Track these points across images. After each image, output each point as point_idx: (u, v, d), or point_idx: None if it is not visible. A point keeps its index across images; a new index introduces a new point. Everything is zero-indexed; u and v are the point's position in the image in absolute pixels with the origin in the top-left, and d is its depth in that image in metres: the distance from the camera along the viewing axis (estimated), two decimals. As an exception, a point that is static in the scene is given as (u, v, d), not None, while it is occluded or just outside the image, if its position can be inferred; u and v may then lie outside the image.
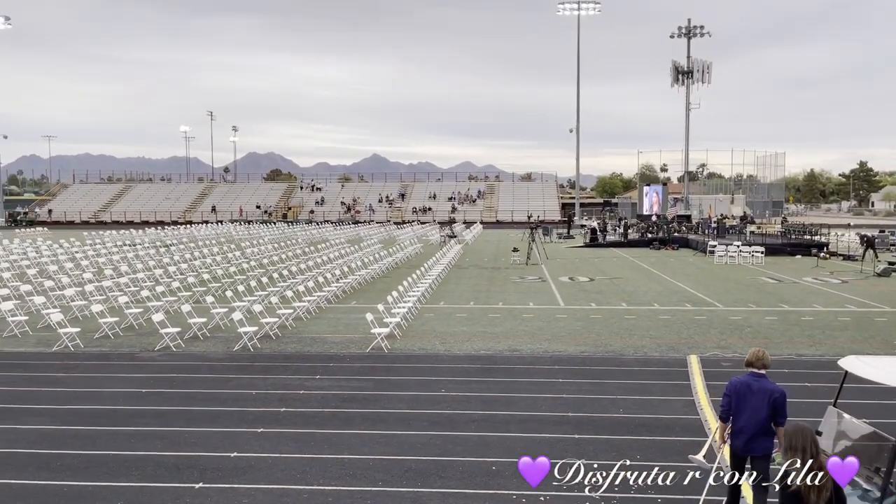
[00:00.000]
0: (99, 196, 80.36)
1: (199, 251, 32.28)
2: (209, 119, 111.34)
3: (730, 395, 6.01)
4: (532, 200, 74.90)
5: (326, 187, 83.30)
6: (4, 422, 9.46)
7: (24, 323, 15.62)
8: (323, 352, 13.67)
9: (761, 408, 5.85)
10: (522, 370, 12.27)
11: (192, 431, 9.05)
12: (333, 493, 7.21)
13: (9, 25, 71.60)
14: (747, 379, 5.99)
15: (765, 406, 5.84)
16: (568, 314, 18.05)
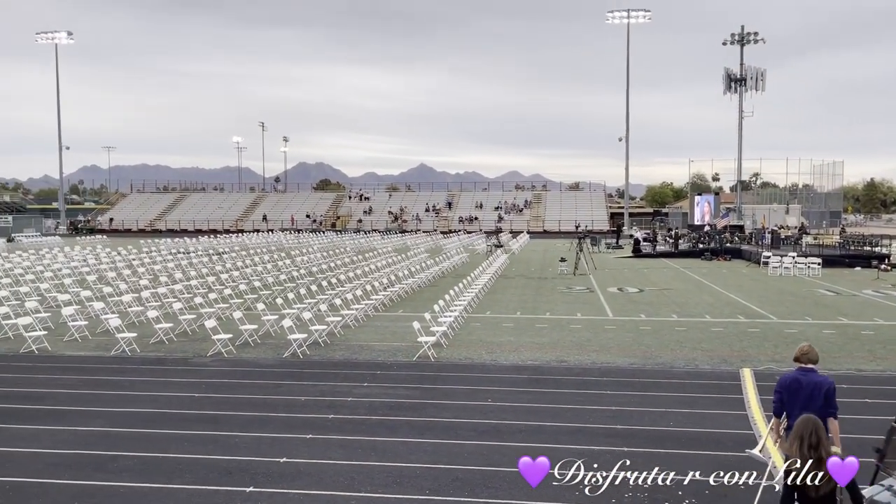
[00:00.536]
0: (155, 205, 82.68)
1: (250, 259, 32.92)
2: (261, 130, 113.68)
3: (781, 392, 6.09)
4: (580, 210, 74.29)
5: (374, 197, 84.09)
6: (64, 423, 9.79)
7: (84, 328, 16.14)
8: (370, 359, 13.78)
9: (815, 400, 5.88)
10: (570, 381, 12.15)
11: (243, 436, 9.22)
12: (381, 500, 7.25)
13: (72, 41, 74.47)
14: (796, 374, 6.08)
15: (819, 398, 5.88)
16: (616, 325, 17.82)
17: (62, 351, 14.66)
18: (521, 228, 67.17)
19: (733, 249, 40.72)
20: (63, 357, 14.14)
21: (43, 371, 12.91)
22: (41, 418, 10.01)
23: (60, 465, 8.21)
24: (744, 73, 58.66)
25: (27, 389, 11.64)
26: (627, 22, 66.73)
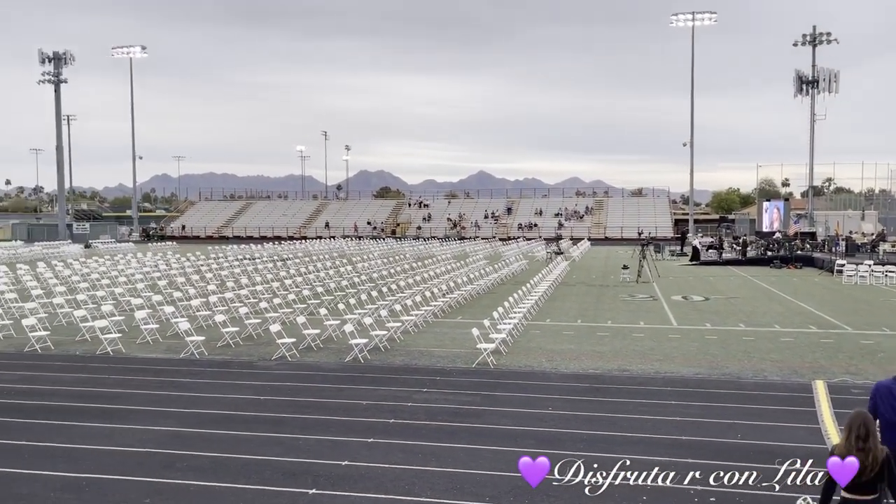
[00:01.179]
0: (222, 212, 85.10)
1: (313, 265, 33.52)
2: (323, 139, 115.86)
3: (874, 398, 6.13)
4: (643, 216, 73.00)
5: (433, 204, 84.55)
6: (137, 423, 10.15)
7: (156, 331, 16.73)
8: (430, 365, 13.84)
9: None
10: (632, 391, 11.94)
11: (306, 439, 9.38)
12: None
13: (145, 55, 77.47)
14: (889, 382, 6.08)
15: None
16: (681, 334, 17.43)
17: (135, 353, 15.22)
18: (582, 235, 66.39)
19: (804, 257, 39.30)
20: (136, 359, 14.67)
21: (117, 372, 13.43)
22: (115, 417, 10.41)
23: (133, 463, 8.51)
24: (816, 74, 56.67)
25: (103, 389, 12.13)
26: (692, 24, 65.37)
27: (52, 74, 68.99)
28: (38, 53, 68.60)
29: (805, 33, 57.87)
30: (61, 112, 70.63)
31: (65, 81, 69.78)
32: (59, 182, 72.49)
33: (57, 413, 10.61)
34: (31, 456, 8.74)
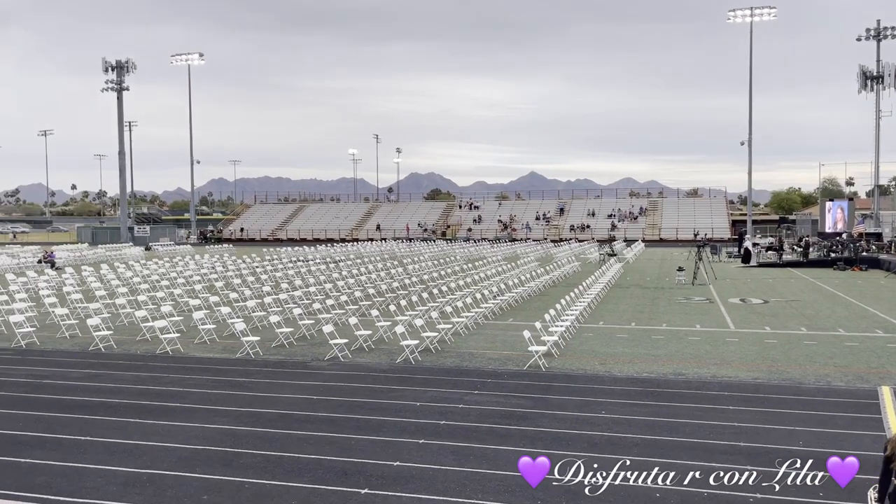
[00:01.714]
0: (276, 215, 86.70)
1: (364, 267, 33.86)
2: (374, 141, 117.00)
3: None
4: (699, 217, 71.48)
5: (484, 205, 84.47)
6: (195, 421, 10.40)
7: (213, 331, 17.12)
8: (481, 367, 13.81)
9: None
10: (688, 395, 11.69)
11: (358, 439, 9.46)
12: None
13: (203, 62, 79.55)
14: None
15: None
16: (739, 338, 16.99)
17: (193, 352, 15.61)
18: (636, 237, 65.42)
19: (869, 259, 37.88)
20: (194, 358, 15.05)
21: (176, 371, 13.80)
22: (174, 415, 10.69)
23: (191, 460, 8.72)
24: (881, 70, 54.65)
25: (162, 388, 12.47)
26: (750, 20, 63.75)
27: (114, 82, 71.43)
28: (102, 62, 71.12)
29: (869, 28, 55.89)
30: (123, 118, 73.05)
31: (127, 89, 72.17)
32: (121, 187, 74.97)
33: (119, 410, 10.96)
34: (95, 452, 9.04)
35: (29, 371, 13.84)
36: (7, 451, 9.04)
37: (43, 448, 9.16)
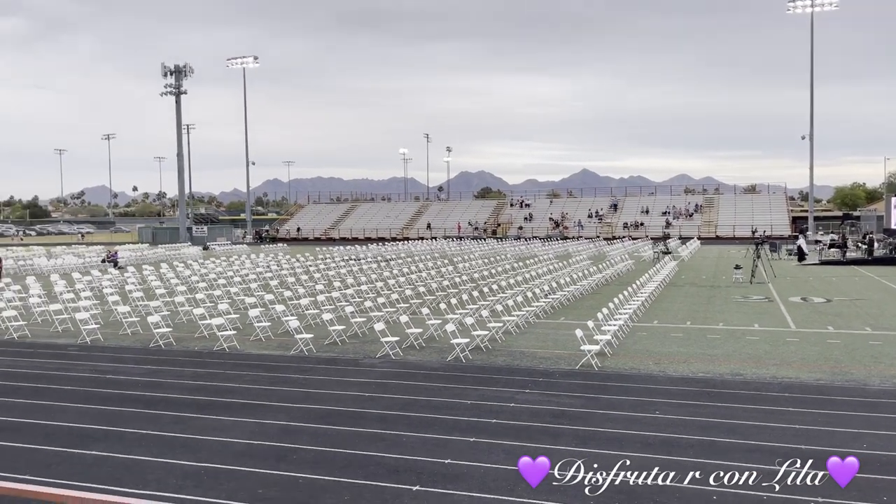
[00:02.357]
0: (329, 215, 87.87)
1: (415, 265, 34.03)
2: (425, 141, 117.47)
3: None
4: (757, 214, 69.59)
5: (535, 203, 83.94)
6: (250, 416, 10.61)
7: (268, 328, 17.45)
8: (532, 366, 13.72)
9: None
10: (746, 396, 11.38)
11: (409, 436, 9.51)
12: None
13: (257, 64, 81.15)
14: None
15: None
16: (800, 338, 16.47)
17: (249, 349, 15.93)
18: (691, 234, 64.09)
19: (940, 256, 36.25)
20: (250, 355, 15.35)
21: (232, 367, 14.10)
22: (231, 410, 10.92)
23: (247, 455, 8.90)
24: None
25: (219, 384, 12.76)
26: (811, 11, 61.75)
27: (173, 86, 73.42)
28: (161, 67, 73.17)
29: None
30: (181, 121, 75.07)
31: (185, 92, 74.10)
32: (179, 188, 77.05)
33: (178, 405, 11.26)
34: (155, 445, 9.30)
35: (93, 366, 14.34)
36: (74, 443, 9.38)
37: (107, 441, 9.48)
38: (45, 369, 14.13)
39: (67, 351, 16.10)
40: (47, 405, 11.33)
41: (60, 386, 12.67)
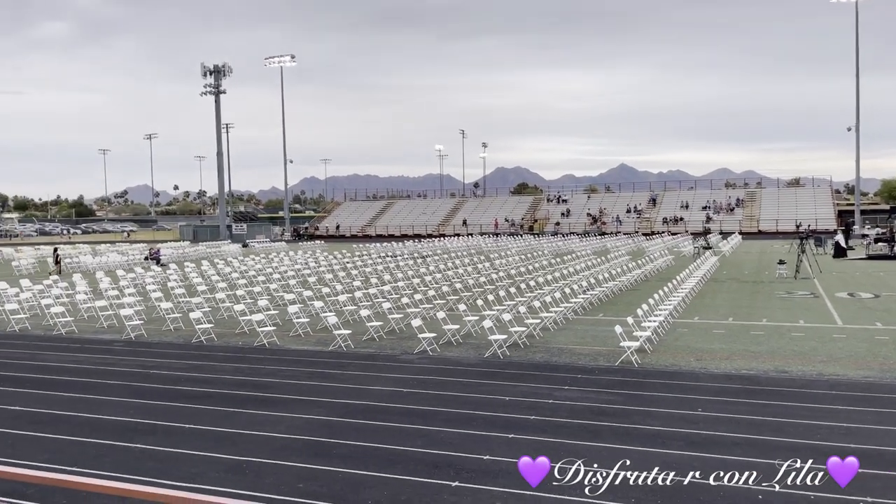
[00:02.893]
0: (365, 212, 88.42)
1: (451, 262, 34.04)
2: (461, 137, 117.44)
3: None
4: (801, 208, 68.05)
5: (572, 199, 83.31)
6: (290, 411, 10.72)
7: (307, 324, 17.61)
8: (571, 363, 13.61)
9: None
10: (792, 394, 11.13)
11: (448, 432, 9.50)
12: (584, 503, 7.09)
13: (294, 63, 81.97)
14: None
15: None
16: (847, 334, 16.05)
17: (288, 345, 16.10)
18: (733, 229, 62.95)
19: None
20: (289, 350, 15.52)
21: (272, 362, 14.27)
22: (271, 405, 11.05)
23: (288, 449, 8.99)
24: None
25: (260, 379, 12.92)
26: (855, -2, 60.09)
27: (212, 86, 74.62)
28: (201, 67, 74.41)
29: None
30: (221, 121, 76.23)
31: (224, 92, 75.25)
32: (219, 186, 78.29)
33: (220, 400, 11.42)
34: (199, 439, 9.45)
35: (138, 361, 14.64)
36: (120, 437, 9.58)
37: (154, 434, 9.66)
38: (92, 364, 14.48)
39: (113, 346, 16.47)
40: (95, 399, 11.61)
41: (107, 381, 12.96)
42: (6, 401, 11.49)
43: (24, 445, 9.31)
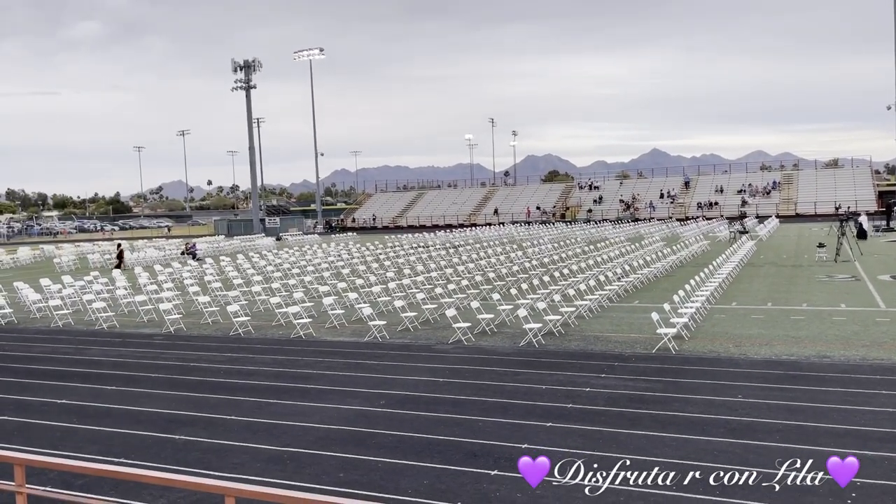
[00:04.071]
0: (396, 203, 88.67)
1: (484, 251, 33.99)
2: (490, 126, 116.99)
3: None
4: (840, 190, 66.49)
5: (604, 185, 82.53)
6: (328, 402, 10.83)
7: (342, 316, 17.76)
8: (607, 350, 13.52)
9: None
10: (834, 379, 10.92)
11: (486, 421, 9.52)
12: (624, 492, 7.05)
13: (323, 56, 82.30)
14: None
15: None
16: (890, 317, 15.68)
17: (324, 336, 16.26)
18: (769, 212, 61.81)
19: None
20: (325, 342, 15.67)
21: (309, 354, 14.43)
22: (309, 396, 11.18)
23: (327, 439, 9.09)
24: None
25: (297, 370, 13.08)
26: (895, -28, 58.27)
27: (243, 81, 75.28)
28: (231, 62, 75.09)
29: None
30: (252, 115, 76.95)
31: (254, 87, 75.86)
32: (252, 180, 79.13)
33: (259, 392, 11.59)
34: (239, 430, 9.61)
35: (178, 355, 14.91)
36: (163, 428, 9.78)
37: (194, 426, 9.85)
38: (133, 357, 14.78)
39: (153, 340, 16.79)
40: (138, 392, 11.86)
41: (148, 374, 13.23)
42: (54, 394, 11.80)
43: (73, 438, 9.56)
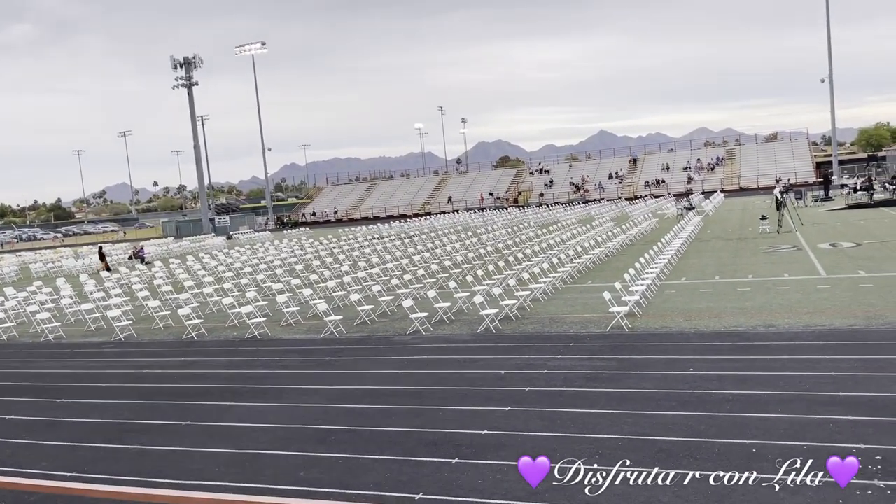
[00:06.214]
0: (349, 196, 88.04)
1: (439, 240, 34.03)
2: (440, 114, 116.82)
3: None
4: (780, 163, 68.46)
5: (554, 169, 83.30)
6: (287, 401, 10.75)
7: (297, 313, 17.60)
8: (562, 332, 13.71)
9: None
10: (780, 347, 11.28)
11: (446, 409, 9.57)
12: (585, 471, 7.16)
13: (265, 50, 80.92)
14: None
15: None
16: (831, 284, 16.25)
17: (279, 335, 16.09)
18: (714, 188, 63.31)
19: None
20: (281, 340, 15.52)
21: (265, 354, 14.27)
22: (267, 396, 11.07)
23: (286, 439, 9.02)
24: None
25: (254, 371, 12.93)
26: (823, -52, 59.94)
27: (184, 79, 73.58)
28: (171, 60, 73.30)
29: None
30: (195, 113, 75.31)
31: (196, 84, 74.23)
32: (199, 180, 77.56)
33: (215, 395, 11.43)
34: (196, 435, 9.47)
35: (129, 362, 14.59)
36: (116, 438, 9.57)
37: (148, 434, 9.66)
38: (83, 368, 14.41)
39: (102, 349, 16.39)
40: (88, 403, 11.57)
41: (98, 384, 12.92)
42: (1, 411, 11.44)
43: (23, 454, 9.29)
